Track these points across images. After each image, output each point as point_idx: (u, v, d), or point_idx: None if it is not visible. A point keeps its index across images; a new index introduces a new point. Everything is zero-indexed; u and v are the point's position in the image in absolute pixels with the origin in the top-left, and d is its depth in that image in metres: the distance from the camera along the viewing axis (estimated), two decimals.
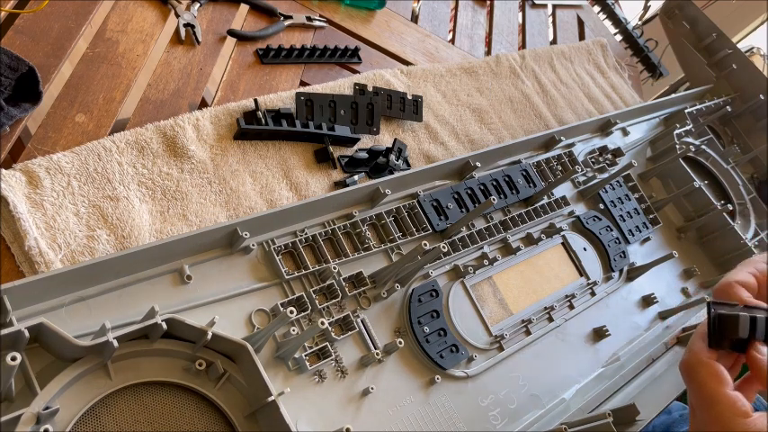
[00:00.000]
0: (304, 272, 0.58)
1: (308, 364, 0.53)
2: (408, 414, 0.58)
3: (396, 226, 0.67)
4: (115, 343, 0.39)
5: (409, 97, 0.84)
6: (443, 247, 0.56)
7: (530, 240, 0.78)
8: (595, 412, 0.67)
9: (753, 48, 1.40)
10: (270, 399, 0.44)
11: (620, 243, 0.86)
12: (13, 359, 0.34)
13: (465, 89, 0.96)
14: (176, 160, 0.64)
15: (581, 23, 1.36)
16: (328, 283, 0.59)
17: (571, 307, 0.77)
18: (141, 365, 0.44)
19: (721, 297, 0.52)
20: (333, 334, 0.56)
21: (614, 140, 1.00)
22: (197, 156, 0.65)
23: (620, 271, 0.85)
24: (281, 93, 0.76)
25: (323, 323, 0.46)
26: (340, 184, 0.72)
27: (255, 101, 0.70)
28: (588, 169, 0.92)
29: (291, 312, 0.44)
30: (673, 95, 1.19)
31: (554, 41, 1.28)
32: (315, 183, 0.72)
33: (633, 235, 0.89)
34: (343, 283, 0.59)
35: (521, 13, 1.26)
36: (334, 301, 0.58)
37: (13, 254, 0.53)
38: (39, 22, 0.64)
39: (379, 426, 0.56)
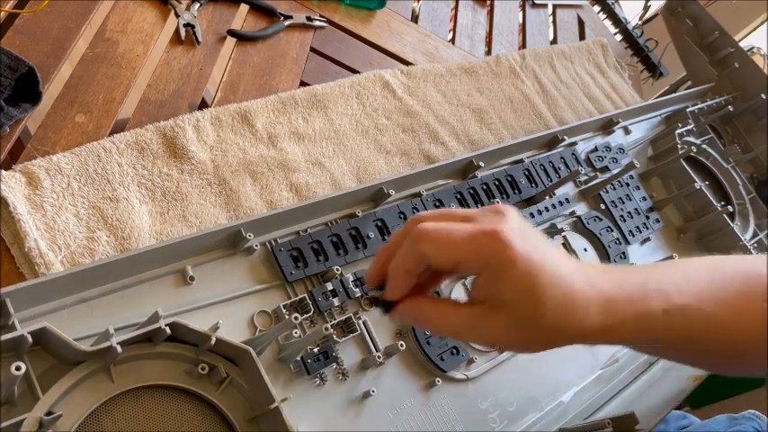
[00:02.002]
0: (306, 273, 0.58)
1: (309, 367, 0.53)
2: (408, 416, 0.58)
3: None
4: (118, 348, 0.39)
5: None
6: None
7: None
8: (593, 417, 0.67)
9: (753, 47, 1.40)
10: (273, 406, 0.44)
11: (620, 244, 0.86)
12: (18, 369, 0.33)
13: (465, 89, 0.96)
14: (176, 161, 0.64)
15: (581, 23, 1.36)
16: (331, 284, 0.59)
17: None
18: (144, 368, 0.44)
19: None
20: (335, 336, 0.56)
21: (616, 139, 1.00)
22: (197, 156, 0.65)
23: None
24: (280, 93, 0.76)
25: (327, 328, 0.46)
26: None
27: None
28: (590, 169, 0.92)
29: (296, 318, 0.44)
30: (675, 94, 1.18)
31: (554, 41, 1.28)
32: None
33: (633, 235, 0.89)
34: (346, 285, 0.59)
35: (521, 13, 1.26)
36: (336, 302, 0.58)
37: (13, 255, 0.52)
38: (38, 22, 0.64)
39: (379, 428, 0.56)
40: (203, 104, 0.72)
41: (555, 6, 1.33)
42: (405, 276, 0.43)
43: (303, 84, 0.81)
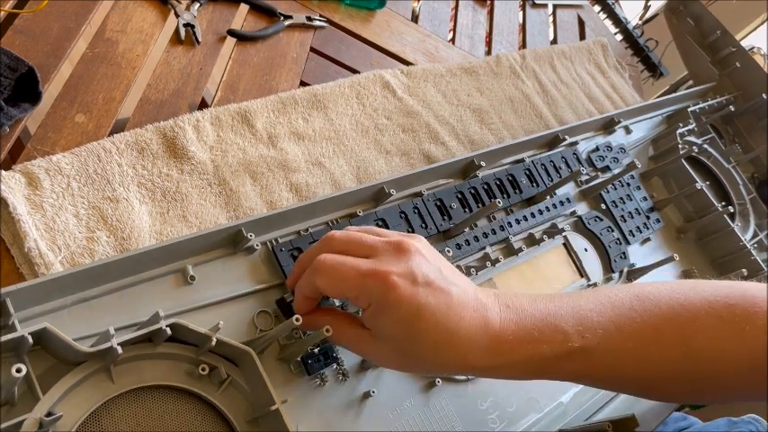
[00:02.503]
0: None
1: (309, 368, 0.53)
2: (408, 417, 0.58)
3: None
4: (119, 349, 0.39)
5: None
6: (447, 250, 0.56)
7: (531, 241, 0.77)
8: (593, 418, 0.67)
9: (753, 47, 1.40)
10: (273, 408, 0.44)
11: (620, 244, 0.86)
12: (19, 371, 0.33)
13: (465, 89, 0.96)
14: (176, 161, 0.64)
15: (581, 23, 1.36)
16: None
17: None
18: (144, 369, 0.44)
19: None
20: None
21: (617, 139, 1.00)
22: (197, 157, 0.65)
23: (621, 272, 0.85)
24: (280, 93, 0.76)
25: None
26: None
27: None
28: (591, 168, 0.92)
29: (297, 320, 0.44)
30: (676, 93, 1.18)
31: (554, 41, 1.28)
32: None
33: (634, 236, 0.89)
34: None
35: (521, 13, 1.26)
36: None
37: (13, 255, 0.52)
38: (38, 22, 0.63)
39: (379, 428, 0.56)
40: (203, 104, 0.71)
41: (555, 6, 1.33)
42: (305, 300, 0.49)
43: (303, 84, 0.81)
